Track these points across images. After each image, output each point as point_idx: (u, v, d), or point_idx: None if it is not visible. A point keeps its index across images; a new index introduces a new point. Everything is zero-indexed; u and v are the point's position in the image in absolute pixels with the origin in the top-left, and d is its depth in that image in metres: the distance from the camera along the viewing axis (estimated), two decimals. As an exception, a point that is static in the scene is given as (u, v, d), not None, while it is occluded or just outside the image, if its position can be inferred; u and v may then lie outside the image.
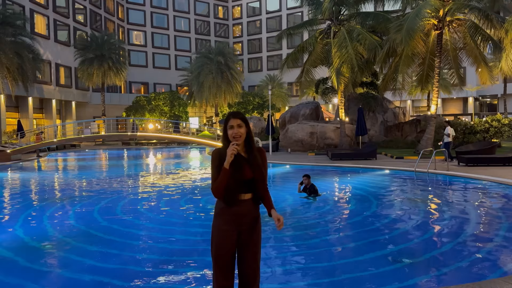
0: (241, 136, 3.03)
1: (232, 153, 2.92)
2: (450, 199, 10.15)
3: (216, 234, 3.09)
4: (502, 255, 5.75)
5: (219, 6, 64.34)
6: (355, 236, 6.93)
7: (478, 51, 19.73)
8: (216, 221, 3.12)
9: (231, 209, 3.05)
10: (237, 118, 3.04)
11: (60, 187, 13.65)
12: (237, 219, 3.06)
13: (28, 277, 5.19)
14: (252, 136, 3.15)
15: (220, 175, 2.95)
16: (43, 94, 38.37)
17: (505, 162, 15.32)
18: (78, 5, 45.74)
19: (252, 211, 3.11)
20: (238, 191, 3.04)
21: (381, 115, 27.92)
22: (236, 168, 2.98)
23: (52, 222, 8.28)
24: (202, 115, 55.88)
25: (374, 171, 15.57)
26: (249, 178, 3.03)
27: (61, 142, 29.30)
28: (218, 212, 3.12)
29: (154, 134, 34.97)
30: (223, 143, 3.10)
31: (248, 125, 3.11)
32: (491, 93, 47.88)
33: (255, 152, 3.12)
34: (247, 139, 3.10)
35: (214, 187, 3.01)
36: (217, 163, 3.04)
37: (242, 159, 3.05)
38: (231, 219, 3.05)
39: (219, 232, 3.08)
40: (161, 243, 6.64)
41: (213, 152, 3.13)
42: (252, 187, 3.07)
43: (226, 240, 3.05)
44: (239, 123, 3.04)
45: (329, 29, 24.13)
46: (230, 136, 3.03)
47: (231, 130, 3.03)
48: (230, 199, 3.03)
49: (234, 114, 3.08)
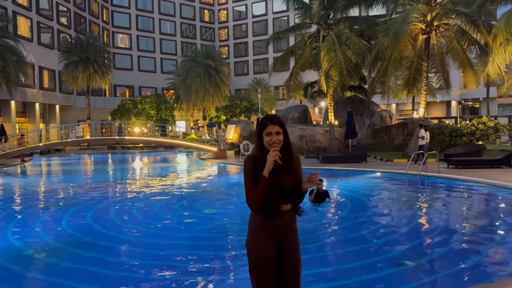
0: (279, 143, 2.77)
1: (274, 159, 2.67)
2: (446, 201, 10.26)
3: (256, 250, 2.81)
4: (501, 257, 5.81)
5: (205, 10, 64.23)
6: (361, 238, 6.93)
7: (464, 55, 20.12)
8: (253, 236, 2.84)
9: (271, 221, 2.79)
10: (275, 125, 2.77)
11: (48, 193, 13.34)
12: (277, 232, 2.80)
13: (13, 284, 5.03)
14: (290, 143, 2.88)
15: (258, 185, 2.70)
16: (26, 97, 37.63)
17: (493, 164, 15.61)
18: (62, 7, 45.10)
19: (292, 223, 2.88)
20: (278, 201, 2.79)
21: (369, 119, 28.18)
22: (275, 176, 2.73)
23: (41, 228, 8.08)
24: (189, 119, 55.58)
25: (366, 174, 15.67)
26: (289, 187, 2.79)
27: (47, 146, 28.72)
28: (255, 226, 2.85)
29: (143, 138, 34.61)
30: (256, 150, 2.86)
31: (286, 130, 2.85)
32: (473, 96, 48.88)
33: (294, 159, 2.88)
34: (284, 147, 2.84)
35: (251, 198, 2.75)
36: (252, 172, 2.77)
37: (280, 167, 2.79)
38: (270, 233, 2.79)
39: (259, 247, 2.80)
40: (157, 249, 6.52)
41: (245, 160, 2.87)
42: (290, 197, 2.83)
43: (268, 255, 2.79)
44: (278, 130, 2.77)
45: (318, 33, 24.28)
46: (266, 144, 2.77)
47: (268, 137, 2.77)
48: (270, 211, 2.77)
49: (271, 119, 2.79)
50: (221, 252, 6.28)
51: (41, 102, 40.75)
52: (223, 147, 26.10)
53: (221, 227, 7.91)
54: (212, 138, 31.14)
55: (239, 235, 7.27)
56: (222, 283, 5.02)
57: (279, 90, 56.68)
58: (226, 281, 5.09)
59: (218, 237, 7.19)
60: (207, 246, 6.57)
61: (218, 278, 5.14)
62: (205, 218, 8.82)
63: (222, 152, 25.26)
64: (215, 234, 7.35)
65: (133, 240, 7.17)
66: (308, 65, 25.06)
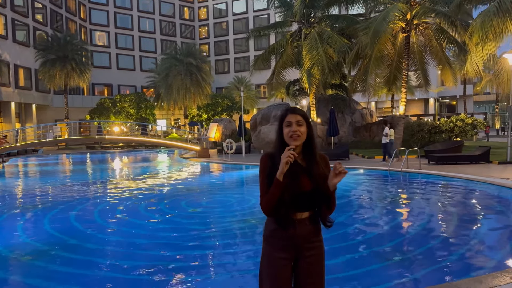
0: (300, 136, 2.40)
1: (288, 161, 2.27)
2: (429, 197, 10.43)
3: (268, 264, 2.47)
4: (487, 249, 5.93)
5: (184, 7, 63.68)
6: (346, 235, 6.97)
7: (443, 54, 20.48)
8: (267, 247, 2.50)
9: (285, 231, 2.43)
10: (296, 114, 2.43)
11: (29, 194, 12.99)
12: (295, 244, 2.44)
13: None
14: (314, 139, 2.49)
15: (271, 188, 2.34)
16: (1, 96, 36.57)
17: (472, 160, 15.98)
18: (38, 4, 43.97)
19: (313, 233, 2.48)
20: (294, 208, 2.42)
21: (350, 116, 28.44)
22: (291, 179, 2.36)
23: (26, 230, 7.86)
24: (170, 117, 55.04)
25: (349, 170, 15.80)
26: (307, 191, 2.40)
27: (24, 146, 28.00)
28: (269, 235, 2.50)
29: (123, 137, 34.10)
30: (276, 145, 2.49)
31: (310, 125, 2.47)
32: (450, 94, 49.96)
33: (317, 158, 2.47)
34: (307, 143, 2.46)
35: (264, 204, 2.39)
36: (267, 171, 2.41)
37: (299, 168, 2.42)
38: (287, 245, 2.44)
39: (272, 261, 2.45)
40: (142, 250, 6.42)
41: (261, 158, 2.49)
42: (311, 203, 2.45)
43: (281, 271, 2.43)
44: (299, 119, 2.41)
45: (300, 31, 24.35)
46: (286, 135, 2.41)
47: (287, 128, 2.41)
48: (284, 219, 2.42)
49: (293, 109, 2.48)
50: (208, 250, 6.22)
51: (16, 102, 39.67)
52: (205, 146, 25.94)
53: (206, 226, 7.85)
54: (194, 137, 30.91)
55: (225, 233, 7.24)
56: (208, 281, 4.97)
57: (260, 89, 56.69)
58: (211, 278, 5.04)
59: (204, 236, 7.13)
60: (193, 245, 6.50)
61: (205, 277, 5.08)
62: (190, 217, 8.74)
63: (205, 150, 25.11)
64: (200, 233, 7.28)
65: (117, 240, 7.04)
66: (290, 63, 25.12)
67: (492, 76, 40.78)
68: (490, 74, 41.30)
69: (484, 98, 58.98)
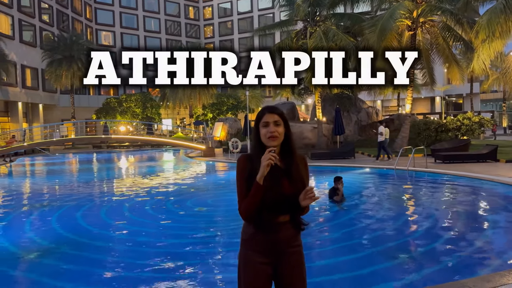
0: (278, 137, 2.31)
1: (269, 163, 2.19)
2: (436, 196, 10.38)
3: (245, 268, 2.39)
4: (495, 248, 5.90)
5: (189, 7, 63.76)
6: (353, 233, 6.95)
7: (449, 52, 20.36)
8: (245, 250, 2.41)
9: (265, 235, 2.34)
10: (274, 113, 2.34)
11: (39, 193, 13.09)
12: (274, 248, 2.35)
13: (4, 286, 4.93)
14: (293, 140, 2.42)
15: (251, 193, 2.25)
16: (8, 96, 36.80)
17: (479, 159, 15.86)
18: (44, 4, 44.22)
19: (294, 236, 2.40)
20: (275, 212, 2.34)
21: (355, 115, 28.37)
22: (271, 182, 2.27)
23: (34, 228, 7.92)
24: (175, 117, 55.14)
25: (355, 169, 15.76)
26: (288, 195, 2.31)
27: (32, 146, 28.22)
28: (247, 239, 2.41)
29: (130, 136, 34.24)
30: (253, 147, 2.42)
31: (288, 125, 2.39)
32: (457, 92, 49.64)
33: (296, 160, 2.39)
34: (285, 144, 2.38)
35: (243, 208, 2.31)
36: (245, 174, 2.32)
37: (279, 170, 2.33)
38: (267, 249, 2.35)
39: (250, 265, 2.37)
40: (149, 247, 6.45)
41: (238, 160, 2.40)
42: (290, 206, 2.34)
43: (259, 276, 2.35)
44: (277, 119, 2.33)
45: (305, 30, 24.30)
46: (263, 136, 2.33)
47: (265, 128, 2.32)
48: (264, 223, 2.33)
49: (270, 109, 2.38)
50: (214, 249, 6.24)
51: (24, 101, 39.96)
52: (211, 145, 25.98)
53: (212, 225, 7.86)
54: (199, 136, 30.96)
55: (232, 232, 7.24)
56: (214, 278, 4.98)
57: (265, 88, 56.64)
58: (217, 277, 5.05)
59: (210, 235, 7.15)
60: (200, 244, 6.52)
61: (211, 275, 5.10)
62: (196, 216, 8.76)
63: (211, 150, 25.15)
64: (206, 232, 7.30)
65: (123, 238, 7.08)
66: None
67: (499, 74, 40.47)
68: (497, 72, 40.99)
69: (491, 96, 58.51)
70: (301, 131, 25.28)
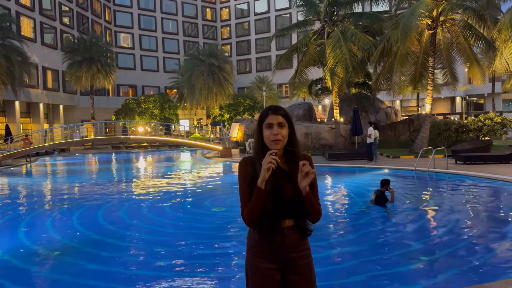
0: (282, 140, 2.20)
1: (269, 167, 2.07)
2: (457, 197, 10.16)
3: (253, 275, 2.30)
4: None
5: (207, 8, 64.12)
6: (375, 234, 6.86)
7: (470, 51, 19.93)
8: (251, 257, 2.31)
9: (270, 241, 2.25)
10: (277, 114, 2.22)
11: (59, 192, 13.32)
12: (280, 253, 2.25)
13: (26, 284, 4.99)
14: (297, 140, 2.29)
15: (253, 198, 2.15)
16: (30, 98, 37.65)
17: (501, 160, 15.47)
18: (65, 7, 45.08)
19: (300, 240, 2.29)
20: (278, 216, 2.23)
21: (374, 115, 28.02)
22: (274, 186, 2.17)
23: (55, 227, 8.05)
24: (192, 118, 55.52)
25: (374, 170, 15.56)
26: (291, 198, 2.21)
27: (52, 146, 28.75)
28: (252, 245, 2.31)
29: (148, 137, 34.60)
30: (255, 149, 2.30)
31: (292, 125, 2.27)
32: (478, 92, 48.61)
33: (300, 161, 2.21)
34: (289, 145, 2.26)
35: (246, 214, 2.20)
36: (247, 178, 2.23)
37: (281, 173, 2.21)
38: (272, 254, 2.26)
39: (257, 272, 2.28)
40: (169, 247, 6.47)
41: (241, 162, 2.30)
42: (295, 211, 2.24)
43: (267, 282, 2.26)
44: (281, 121, 2.21)
45: (323, 29, 24.15)
46: (266, 139, 2.22)
47: (269, 130, 2.21)
48: (268, 228, 2.23)
49: (274, 109, 2.26)
50: (233, 249, 6.22)
51: (45, 102, 40.79)
52: (228, 146, 26.04)
53: (230, 225, 7.86)
54: (216, 136, 31.09)
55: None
56: (229, 280, 4.97)
57: (282, 88, 56.57)
58: (234, 276, 5.04)
59: (229, 235, 7.15)
60: (217, 244, 6.52)
61: (228, 275, 5.08)
62: (214, 216, 8.78)
63: (227, 150, 25.21)
64: (224, 232, 7.30)
65: (142, 238, 7.13)
66: (312, 62, 24.92)
67: (522, 73, 39.47)
68: (520, 71, 39.97)
69: (513, 96, 57.08)
70: (319, 131, 25.13)
